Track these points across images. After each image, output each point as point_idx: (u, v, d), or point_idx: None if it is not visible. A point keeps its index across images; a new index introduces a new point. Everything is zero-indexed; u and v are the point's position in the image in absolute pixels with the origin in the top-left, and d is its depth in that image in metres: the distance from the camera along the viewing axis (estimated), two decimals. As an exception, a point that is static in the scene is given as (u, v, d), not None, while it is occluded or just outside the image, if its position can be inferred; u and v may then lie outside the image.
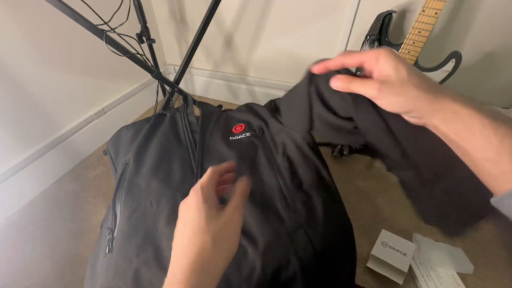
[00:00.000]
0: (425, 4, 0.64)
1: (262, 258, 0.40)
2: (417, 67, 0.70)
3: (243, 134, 0.62)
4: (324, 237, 0.44)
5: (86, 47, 0.91)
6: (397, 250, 0.63)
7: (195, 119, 0.68)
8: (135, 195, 0.52)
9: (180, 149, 0.61)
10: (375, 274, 0.63)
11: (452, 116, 0.25)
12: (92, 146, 1.03)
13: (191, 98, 0.80)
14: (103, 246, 0.49)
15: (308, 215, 0.47)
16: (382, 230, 0.69)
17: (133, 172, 0.56)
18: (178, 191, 0.52)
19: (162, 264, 0.43)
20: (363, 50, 0.77)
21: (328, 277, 0.43)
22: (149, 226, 0.48)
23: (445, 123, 0.26)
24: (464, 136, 0.25)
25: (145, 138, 0.63)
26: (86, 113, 0.98)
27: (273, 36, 1.04)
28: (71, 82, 0.91)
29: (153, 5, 1.16)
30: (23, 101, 0.79)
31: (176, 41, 1.25)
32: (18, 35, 0.74)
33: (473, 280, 0.62)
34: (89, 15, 0.66)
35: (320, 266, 0.42)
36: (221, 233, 0.28)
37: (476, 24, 0.75)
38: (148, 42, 0.89)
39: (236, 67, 1.20)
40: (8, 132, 0.77)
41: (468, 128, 0.25)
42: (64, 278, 0.66)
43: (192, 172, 0.56)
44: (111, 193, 0.65)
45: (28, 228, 0.78)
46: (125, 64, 0.90)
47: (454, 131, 0.26)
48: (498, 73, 0.80)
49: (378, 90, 0.28)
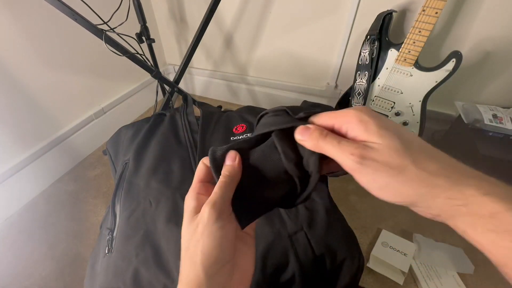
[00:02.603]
0: (426, 4, 0.64)
1: (262, 259, 0.40)
2: (418, 67, 0.70)
3: (244, 135, 0.62)
4: (324, 241, 0.44)
5: (85, 47, 0.91)
6: (397, 250, 0.63)
7: (194, 119, 0.68)
8: (135, 195, 0.52)
9: (179, 149, 0.61)
10: (375, 274, 0.62)
11: (491, 223, 0.17)
12: (92, 146, 1.03)
13: (190, 98, 0.80)
14: (102, 246, 0.49)
15: (309, 219, 0.47)
16: (382, 230, 0.69)
17: (133, 172, 0.56)
18: (178, 191, 0.52)
19: (161, 264, 0.43)
20: (364, 50, 0.78)
21: (326, 281, 0.43)
22: (148, 226, 0.48)
23: (481, 233, 0.18)
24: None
25: (144, 138, 0.63)
26: (85, 113, 0.98)
27: (273, 36, 1.03)
28: (70, 82, 0.91)
29: (153, 5, 1.16)
30: (23, 101, 0.79)
31: (176, 41, 1.25)
32: (18, 35, 0.74)
33: (473, 280, 0.62)
34: (88, 15, 0.66)
35: (319, 270, 0.42)
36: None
37: (476, 24, 0.75)
38: (147, 42, 0.89)
39: (236, 67, 1.20)
40: (8, 132, 0.77)
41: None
42: (64, 278, 0.66)
43: (191, 172, 0.56)
44: (111, 193, 0.65)
45: (28, 228, 0.77)
46: (124, 64, 0.90)
47: (499, 246, 0.17)
48: (498, 73, 0.80)
49: (359, 160, 0.19)
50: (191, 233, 0.22)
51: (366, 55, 0.76)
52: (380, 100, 0.79)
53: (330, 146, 0.21)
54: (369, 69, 0.76)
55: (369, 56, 0.75)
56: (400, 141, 0.19)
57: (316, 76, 1.05)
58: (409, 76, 0.72)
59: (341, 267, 0.44)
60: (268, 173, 0.24)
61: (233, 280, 0.23)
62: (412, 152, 0.19)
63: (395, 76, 0.74)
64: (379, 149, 0.19)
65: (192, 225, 0.23)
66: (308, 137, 0.22)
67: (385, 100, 0.79)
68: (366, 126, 0.20)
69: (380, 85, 0.77)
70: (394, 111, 0.78)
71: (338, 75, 1.01)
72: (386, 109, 0.79)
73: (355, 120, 0.21)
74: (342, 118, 0.22)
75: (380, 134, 0.20)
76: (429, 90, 0.71)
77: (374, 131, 0.20)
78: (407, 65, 0.71)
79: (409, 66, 0.71)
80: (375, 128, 0.20)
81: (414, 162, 0.19)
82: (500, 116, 0.74)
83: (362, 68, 0.79)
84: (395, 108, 0.78)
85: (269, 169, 0.24)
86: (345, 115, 0.22)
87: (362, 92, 0.80)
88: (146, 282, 0.42)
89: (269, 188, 0.24)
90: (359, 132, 0.21)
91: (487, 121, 0.73)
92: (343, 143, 0.21)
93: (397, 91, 0.75)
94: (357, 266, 0.45)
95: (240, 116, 0.69)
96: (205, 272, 0.21)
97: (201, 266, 0.21)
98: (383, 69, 0.75)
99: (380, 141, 0.20)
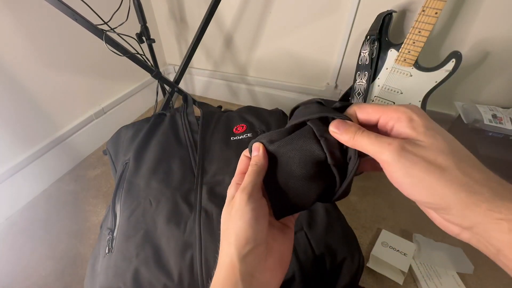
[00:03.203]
0: (425, 4, 0.64)
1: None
2: (417, 67, 0.70)
3: (244, 135, 0.62)
4: (324, 241, 0.44)
5: (86, 47, 0.91)
6: (397, 250, 0.63)
7: (195, 119, 0.68)
8: (135, 195, 0.52)
9: (179, 149, 0.61)
10: (375, 274, 0.63)
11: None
12: (92, 146, 1.03)
13: (191, 98, 0.80)
14: (103, 246, 0.49)
15: (309, 218, 0.47)
16: (382, 230, 0.69)
17: (133, 172, 0.56)
18: (178, 191, 0.52)
19: (161, 264, 0.43)
20: (363, 50, 0.78)
21: (326, 281, 0.43)
22: (148, 226, 0.48)
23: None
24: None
25: (144, 138, 0.63)
26: (86, 113, 0.98)
27: (273, 36, 1.03)
28: (71, 82, 0.91)
29: (153, 5, 1.16)
30: (23, 101, 0.79)
31: (176, 41, 1.25)
32: (18, 35, 0.74)
33: (473, 280, 0.62)
34: (89, 15, 0.66)
35: (319, 269, 0.42)
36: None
37: (476, 24, 0.75)
38: (148, 42, 0.89)
39: (236, 67, 1.20)
40: (8, 132, 0.77)
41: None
42: (64, 278, 0.66)
43: (191, 172, 0.56)
44: (111, 193, 0.65)
45: (28, 228, 0.78)
46: (125, 64, 0.90)
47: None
48: (498, 73, 0.80)
49: (398, 151, 0.19)
50: (227, 216, 0.24)
51: (366, 55, 0.76)
52: (380, 100, 0.80)
53: (367, 140, 0.20)
54: (369, 69, 0.76)
55: (369, 56, 0.75)
56: (447, 143, 0.18)
57: (316, 76, 1.05)
58: (409, 76, 0.72)
59: (341, 267, 0.45)
60: (302, 163, 0.24)
61: (266, 264, 0.24)
62: (457, 156, 0.18)
63: (395, 76, 0.74)
64: (423, 146, 0.18)
65: (228, 209, 0.25)
66: (344, 130, 0.21)
67: (385, 100, 0.79)
68: (413, 124, 0.19)
69: (380, 85, 0.77)
70: (394, 111, 0.78)
71: (338, 75, 1.01)
72: (386, 109, 0.79)
73: (405, 118, 0.20)
74: (391, 114, 0.21)
75: (427, 134, 0.19)
76: (428, 90, 0.71)
77: (421, 131, 0.19)
78: (407, 65, 0.71)
79: (409, 66, 0.71)
80: (423, 128, 0.19)
81: (458, 166, 0.17)
82: (499, 116, 0.74)
83: (362, 68, 0.79)
84: (395, 108, 0.78)
85: (303, 160, 0.23)
86: (396, 110, 0.21)
87: (362, 92, 0.80)
88: (146, 282, 0.42)
89: (305, 179, 0.24)
90: (406, 130, 0.20)
91: (487, 121, 0.73)
92: (382, 137, 0.20)
93: (397, 91, 0.75)
94: (357, 266, 0.45)
95: (240, 116, 0.69)
96: (238, 252, 0.23)
97: (234, 246, 0.23)
98: (383, 69, 0.75)
99: (424, 139, 0.19)
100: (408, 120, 0.20)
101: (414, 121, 0.20)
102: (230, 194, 0.26)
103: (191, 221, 0.48)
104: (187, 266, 0.43)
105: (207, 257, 0.44)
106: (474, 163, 0.18)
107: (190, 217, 0.49)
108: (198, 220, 0.48)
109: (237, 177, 0.27)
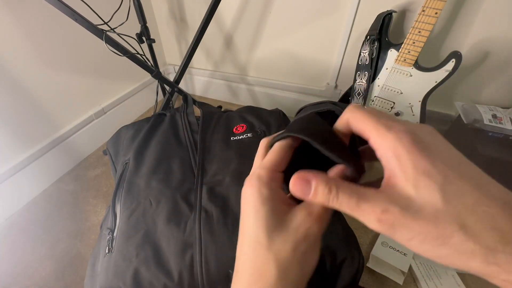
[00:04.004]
0: (425, 4, 0.64)
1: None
2: (417, 67, 0.70)
3: (244, 135, 0.62)
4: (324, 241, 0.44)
5: (86, 47, 0.91)
6: (397, 250, 0.63)
7: (195, 119, 0.68)
8: (135, 195, 0.52)
9: (180, 149, 0.61)
10: (375, 274, 0.63)
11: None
12: (92, 146, 1.03)
13: (191, 98, 0.80)
14: (103, 246, 0.49)
15: None
16: (382, 230, 0.69)
17: (133, 172, 0.56)
18: (178, 191, 0.52)
19: (161, 264, 0.44)
20: (363, 50, 0.78)
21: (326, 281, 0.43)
22: (148, 226, 0.48)
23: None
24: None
25: (145, 138, 0.63)
26: (86, 113, 0.98)
27: (273, 36, 1.03)
28: (71, 82, 0.91)
29: (153, 5, 1.16)
30: (23, 101, 0.79)
31: (176, 41, 1.25)
32: (18, 35, 0.74)
33: (473, 280, 0.62)
34: (89, 15, 0.66)
35: (319, 270, 0.42)
36: (290, 256, 0.19)
37: (475, 24, 0.75)
38: (148, 42, 0.89)
39: (236, 67, 1.20)
40: (8, 132, 0.77)
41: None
42: (64, 278, 0.66)
43: (191, 172, 0.56)
44: (111, 193, 0.65)
45: (28, 228, 0.78)
46: (125, 64, 0.90)
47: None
48: (498, 73, 0.80)
49: (388, 229, 0.15)
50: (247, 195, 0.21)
51: (366, 55, 0.76)
52: (380, 100, 0.80)
53: (347, 208, 0.17)
54: (369, 69, 0.76)
55: (369, 56, 0.75)
56: (442, 195, 0.14)
57: (316, 76, 1.05)
58: (409, 76, 0.72)
59: (341, 267, 0.45)
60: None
61: None
62: (459, 211, 0.14)
63: (395, 76, 0.74)
64: (414, 210, 0.15)
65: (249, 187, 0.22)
66: (313, 196, 0.18)
67: (385, 100, 0.79)
68: (401, 167, 0.15)
69: (380, 85, 0.77)
70: (394, 111, 0.78)
71: (338, 75, 1.01)
72: (386, 109, 0.79)
73: (391, 155, 0.16)
74: (378, 141, 0.17)
75: (416, 183, 0.15)
76: (428, 90, 0.71)
77: (410, 176, 0.15)
78: (406, 65, 0.71)
79: (409, 66, 0.71)
80: (412, 172, 0.15)
81: (463, 228, 0.14)
82: (499, 116, 0.74)
83: (362, 68, 0.79)
84: (395, 109, 0.78)
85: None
86: (384, 138, 0.16)
87: (362, 92, 0.80)
88: (146, 282, 0.42)
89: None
90: (393, 177, 0.16)
91: (487, 121, 0.73)
92: (364, 207, 0.16)
93: (397, 91, 0.75)
94: (357, 266, 0.45)
95: (240, 116, 0.69)
96: (266, 232, 0.19)
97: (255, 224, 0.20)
98: (383, 69, 0.75)
99: (415, 194, 0.15)
100: (395, 158, 0.16)
101: (402, 161, 0.15)
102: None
103: (191, 221, 0.48)
104: (187, 266, 0.43)
105: (207, 257, 0.44)
106: (484, 212, 0.14)
107: (190, 217, 0.49)
108: (198, 220, 0.48)
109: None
